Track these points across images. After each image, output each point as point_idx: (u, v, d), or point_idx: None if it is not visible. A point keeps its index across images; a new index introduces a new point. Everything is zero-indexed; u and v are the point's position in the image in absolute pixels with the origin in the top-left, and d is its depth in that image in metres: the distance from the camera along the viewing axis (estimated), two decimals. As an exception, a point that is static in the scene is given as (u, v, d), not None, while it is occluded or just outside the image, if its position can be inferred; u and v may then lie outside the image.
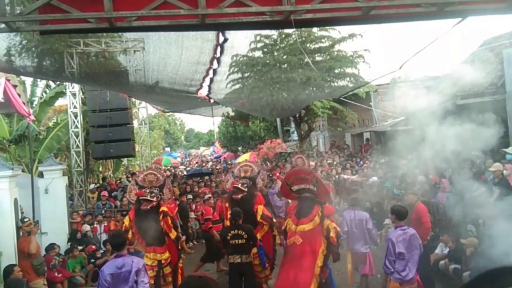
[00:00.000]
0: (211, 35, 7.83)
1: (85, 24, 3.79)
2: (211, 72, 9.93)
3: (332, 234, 5.80)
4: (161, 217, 7.07)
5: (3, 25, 4.30)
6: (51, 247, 9.03)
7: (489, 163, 9.88)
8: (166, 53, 8.99)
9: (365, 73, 14.71)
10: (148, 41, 8.98)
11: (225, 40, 8.14)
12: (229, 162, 28.56)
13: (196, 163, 34.31)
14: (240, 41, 9.43)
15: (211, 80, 10.63)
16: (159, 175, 7.50)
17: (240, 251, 6.60)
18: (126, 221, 7.18)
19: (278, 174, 11.64)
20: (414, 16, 4.22)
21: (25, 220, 8.23)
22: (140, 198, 7.02)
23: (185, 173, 22.79)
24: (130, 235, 6.92)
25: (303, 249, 5.72)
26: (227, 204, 8.07)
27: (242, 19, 3.82)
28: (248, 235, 6.68)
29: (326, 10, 3.82)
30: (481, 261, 7.04)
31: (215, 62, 9.34)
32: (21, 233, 8.09)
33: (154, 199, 7.02)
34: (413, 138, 13.94)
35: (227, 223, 7.78)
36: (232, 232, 6.66)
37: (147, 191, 7.07)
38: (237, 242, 6.60)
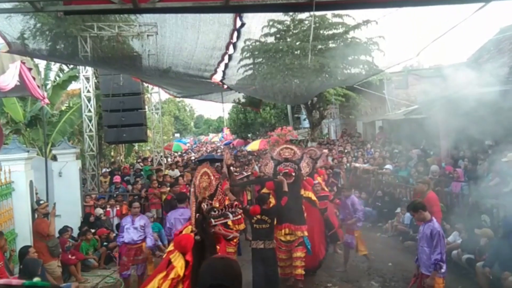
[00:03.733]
0: (228, 19, 7.74)
1: (109, 4, 3.75)
2: (226, 57, 9.86)
3: None
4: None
5: (19, 5, 4.27)
6: (64, 229, 9.13)
7: (505, 153, 9.74)
8: (183, 37, 8.92)
9: (380, 60, 14.51)
10: (165, 25, 8.90)
11: (242, 25, 8.05)
12: (239, 149, 28.60)
13: (206, 149, 34.37)
14: (257, 26, 9.32)
15: (226, 66, 10.56)
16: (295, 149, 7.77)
17: (264, 236, 6.60)
18: (180, 267, 4.15)
19: None
20: (439, 0, 4.12)
21: (41, 202, 8.32)
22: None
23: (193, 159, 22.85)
24: None
25: None
26: (265, 190, 7.75)
27: (266, 1, 3.75)
28: (272, 220, 6.70)
29: (351, -7, 3.73)
30: (495, 251, 7.02)
31: (231, 47, 9.26)
32: (36, 215, 8.18)
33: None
34: (427, 127, 13.85)
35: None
36: (257, 216, 6.65)
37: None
38: (261, 227, 6.61)
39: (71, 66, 15.71)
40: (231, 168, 8.42)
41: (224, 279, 2.15)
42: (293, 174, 7.40)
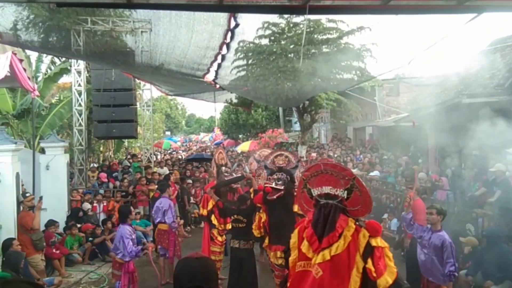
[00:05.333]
0: (222, 19, 7.74)
1: (103, -2, 3.73)
2: (219, 57, 9.85)
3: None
4: None
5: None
6: (51, 223, 9.06)
7: (492, 163, 9.87)
8: (176, 36, 8.90)
9: (372, 67, 14.63)
10: (159, 23, 8.88)
11: (236, 25, 8.04)
12: (230, 150, 28.59)
13: (198, 148, 34.29)
14: (251, 28, 9.34)
15: (219, 66, 10.55)
16: (290, 157, 6.56)
17: (240, 236, 6.60)
18: None
19: None
20: (433, 9, 4.17)
21: (27, 195, 8.25)
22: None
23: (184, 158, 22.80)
24: None
25: None
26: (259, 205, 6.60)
27: (260, 2, 3.76)
28: (248, 220, 6.68)
29: (346, -2, 3.76)
30: (478, 260, 7.10)
31: (224, 47, 9.25)
32: (21, 208, 8.10)
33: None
34: (416, 134, 13.98)
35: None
36: (235, 216, 6.67)
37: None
38: (238, 225, 6.61)
39: (63, 59, 15.60)
40: (223, 168, 8.28)
41: (201, 280, 2.13)
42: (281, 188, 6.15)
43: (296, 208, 6.07)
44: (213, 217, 7.80)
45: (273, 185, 6.05)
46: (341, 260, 3.66)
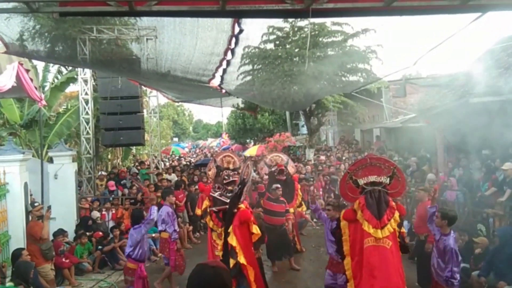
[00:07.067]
0: (226, 26, 7.75)
1: (105, 7, 3.74)
2: (224, 63, 9.87)
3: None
4: None
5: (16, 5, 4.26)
6: (59, 232, 9.07)
7: (501, 162, 9.76)
8: (181, 43, 8.94)
9: (378, 68, 14.57)
10: (163, 31, 8.93)
11: (241, 31, 8.04)
12: (237, 154, 28.56)
13: (204, 153, 34.35)
14: (255, 33, 9.33)
15: (224, 71, 10.57)
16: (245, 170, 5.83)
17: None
18: None
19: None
20: (436, 9, 4.14)
21: (36, 204, 8.27)
22: None
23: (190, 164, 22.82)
24: None
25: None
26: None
27: (262, 7, 3.75)
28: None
29: (348, 0, 3.73)
30: (490, 261, 7.00)
31: (229, 53, 9.27)
32: (30, 217, 8.13)
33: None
34: (424, 135, 13.87)
35: None
36: None
37: None
38: None
39: (70, 68, 15.71)
40: (227, 171, 8.18)
41: None
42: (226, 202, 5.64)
43: (230, 229, 5.57)
44: (208, 219, 7.78)
45: (216, 195, 5.78)
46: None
